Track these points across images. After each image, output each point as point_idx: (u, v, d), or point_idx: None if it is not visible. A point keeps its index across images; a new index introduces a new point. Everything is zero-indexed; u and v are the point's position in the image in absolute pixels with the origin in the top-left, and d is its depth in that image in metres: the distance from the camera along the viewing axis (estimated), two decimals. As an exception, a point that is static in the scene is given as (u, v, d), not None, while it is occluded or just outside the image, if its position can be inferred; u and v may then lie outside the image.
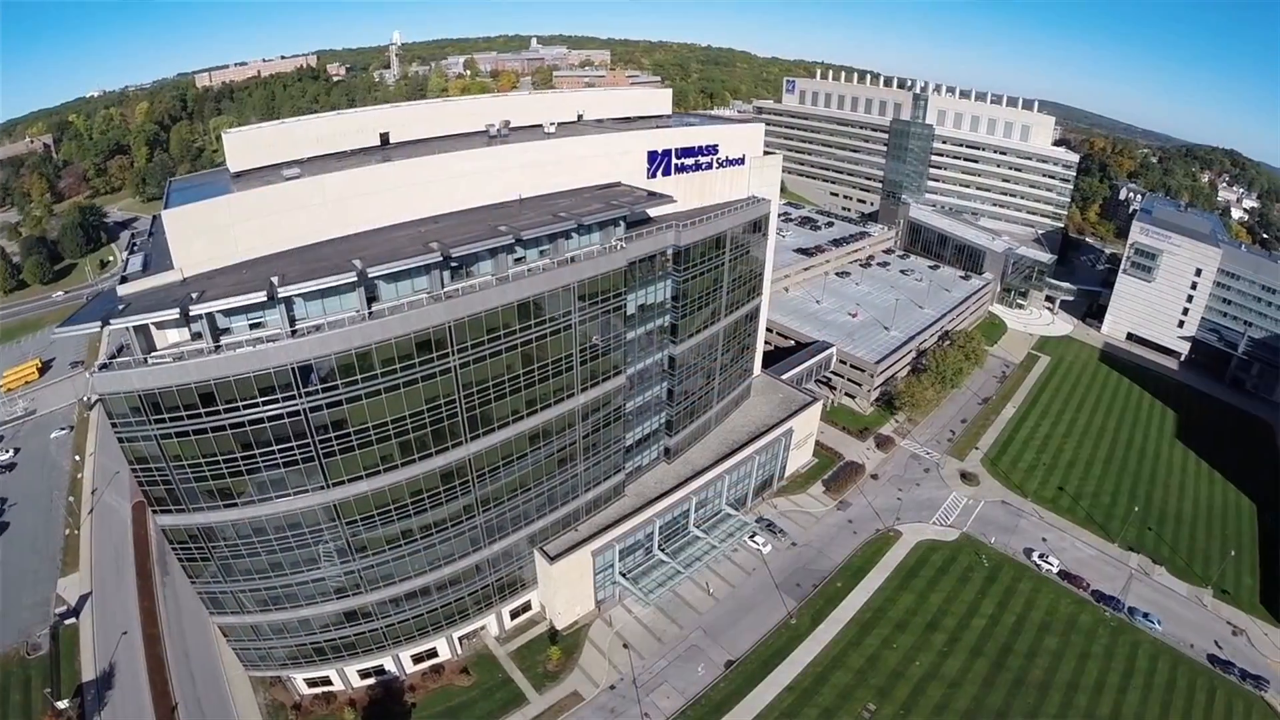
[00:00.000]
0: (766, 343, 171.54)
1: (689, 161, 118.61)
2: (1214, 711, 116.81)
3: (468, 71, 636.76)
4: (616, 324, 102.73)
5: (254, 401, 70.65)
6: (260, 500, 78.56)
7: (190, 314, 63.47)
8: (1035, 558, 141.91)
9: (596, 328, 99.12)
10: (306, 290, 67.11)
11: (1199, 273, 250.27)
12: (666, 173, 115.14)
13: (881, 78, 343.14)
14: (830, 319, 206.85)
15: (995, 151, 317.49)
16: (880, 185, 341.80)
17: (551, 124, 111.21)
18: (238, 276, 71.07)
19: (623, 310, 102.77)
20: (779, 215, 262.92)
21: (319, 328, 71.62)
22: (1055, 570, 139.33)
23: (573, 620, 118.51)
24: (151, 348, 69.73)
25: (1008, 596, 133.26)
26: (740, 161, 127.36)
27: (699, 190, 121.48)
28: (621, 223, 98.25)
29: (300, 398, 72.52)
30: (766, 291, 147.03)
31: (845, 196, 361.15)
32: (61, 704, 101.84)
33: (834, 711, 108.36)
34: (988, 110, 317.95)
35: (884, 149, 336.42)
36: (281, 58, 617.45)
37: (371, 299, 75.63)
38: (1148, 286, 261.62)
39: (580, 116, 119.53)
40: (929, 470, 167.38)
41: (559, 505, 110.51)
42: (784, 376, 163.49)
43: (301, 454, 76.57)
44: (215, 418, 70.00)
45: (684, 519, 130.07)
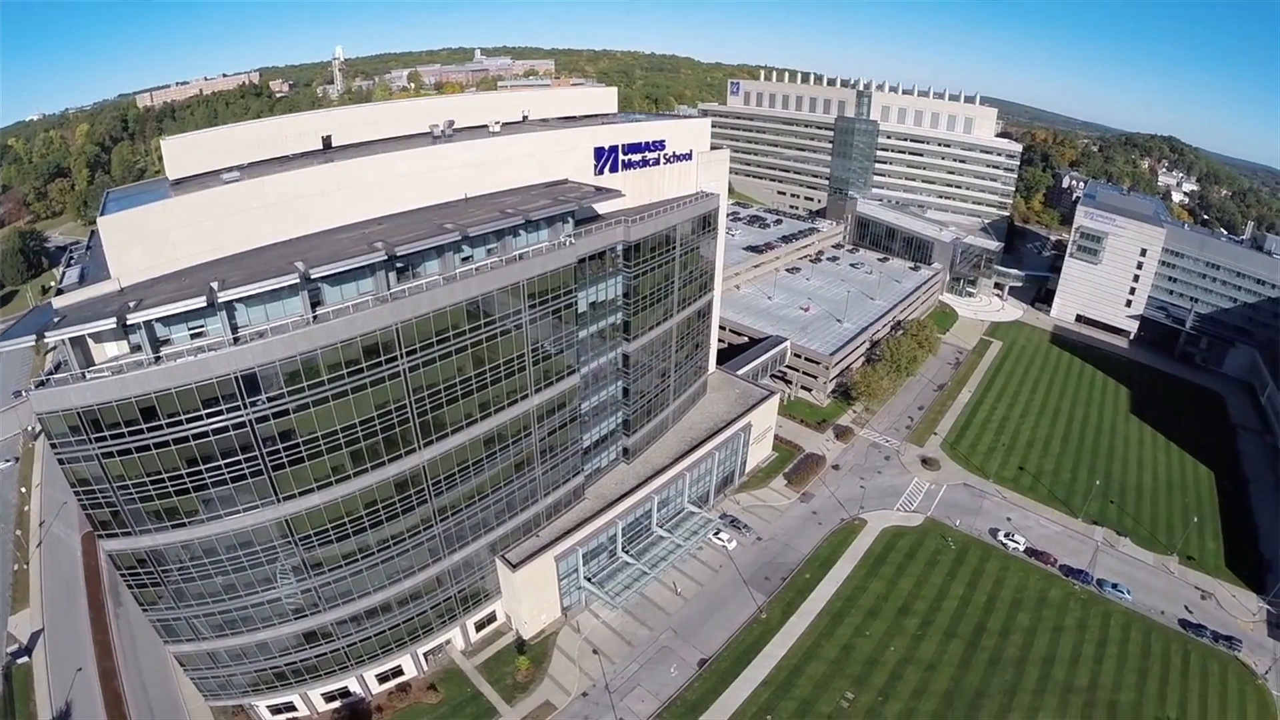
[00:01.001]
0: (720, 340, 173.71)
1: (636, 157, 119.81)
2: (1190, 674, 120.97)
3: (412, 84, 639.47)
4: (568, 322, 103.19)
5: (197, 414, 69.67)
6: (209, 519, 77.20)
7: (128, 323, 62.26)
8: (1001, 537, 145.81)
9: (548, 327, 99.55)
10: (247, 294, 66.51)
11: (1144, 253, 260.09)
12: (614, 169, 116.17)
13: (825, 78, 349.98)
14: (783, 314, 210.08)
15: (939, 144, 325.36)
16: (827, 182, 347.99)
17: (496, 123, 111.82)
18: (177, 283, 70.01)
19: (574, 308, 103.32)
20: (728, 215, 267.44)
21: (262, 334, 70.80)
22: (1022, 548, 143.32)
23: (540, 629, 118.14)
24: (90, 362, 68.34)
25: (977, 577, 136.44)
26: (687, 157, 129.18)
27: (647, 186, 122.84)
28: (570, 219, 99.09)
29: (245, 408, 71.72)
30: (718, 287, 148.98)
31: (793, 195, 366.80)
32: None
33: (812, 703, 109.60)
34: (930, 105, 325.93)
35: (829, 146, 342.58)
36: (224, 75, 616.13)
37: (316, 303, 75.04)
38: (1094, 269, 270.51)
39: (525, 116, 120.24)
40: (889, 458, 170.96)
41: (518, 511, 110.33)
42: (739, 372, 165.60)
43: (249, 468, 75.56)
44: (158, 433, 68.83)
45: (647, 519, 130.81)
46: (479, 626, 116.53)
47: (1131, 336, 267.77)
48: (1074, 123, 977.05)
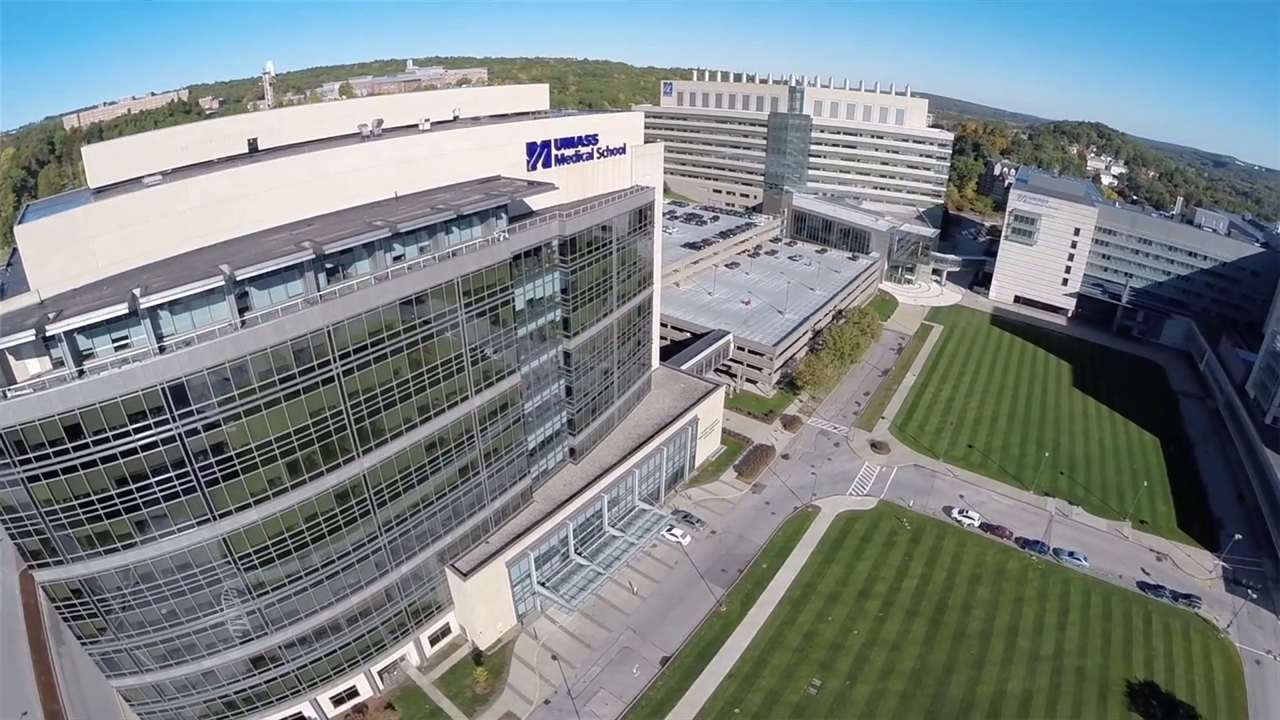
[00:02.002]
0: (663, 337, 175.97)
1: (569, 152, 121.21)
2: (1153, 634, 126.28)
3: (344, 97, 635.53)
4: (506, 320, 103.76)
5: (125, 430, 68.47)
6: (144, 542, 75.69)
7: (47, 335, 61.19)
8: (955, 514, 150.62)
9: (485, 325, 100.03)
10: (171, 299, 65.74)
11: (1077, 232, 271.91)
12: (547, 164, 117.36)
13: (757, 77, 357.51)
14: (724, 308, 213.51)
15: (872, 136, 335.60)
16: (763, 178, 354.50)
17: (427, 122, 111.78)
18: (99, 293, 68.74)
19: (511, 306, 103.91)
20: (665, 214, 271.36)
21: (188, 343, 69.97)
22: (977, 524, 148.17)
23: (496, 638, 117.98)
24: (11, 381, 67.01)
25: (934, 555, 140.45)
26: (621, 151, 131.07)
27: (581, 181, 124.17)
28: (504, 215, 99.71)
29: (175, 422, 70.71)
30: (658, 282, 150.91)
31: (729, 192, 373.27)
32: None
33: (779, 693, 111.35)
34: (862, 98, 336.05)
35: (764, 143, 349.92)
36: (152, 94, 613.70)
37: (244, 309, 74.45)
38: (1030, 250, 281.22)
39: (456, 115, 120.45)
40: (839, 444, 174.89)
41: (465, 518, 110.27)
42: (683, 367, 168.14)
43: (182, 485, 74.34)
44: (84, 452, 67.43)
45: (598, 519, 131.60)
46: (433, 640, 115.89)
47: (1070, 314, 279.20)
48: (1003, 114, 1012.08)
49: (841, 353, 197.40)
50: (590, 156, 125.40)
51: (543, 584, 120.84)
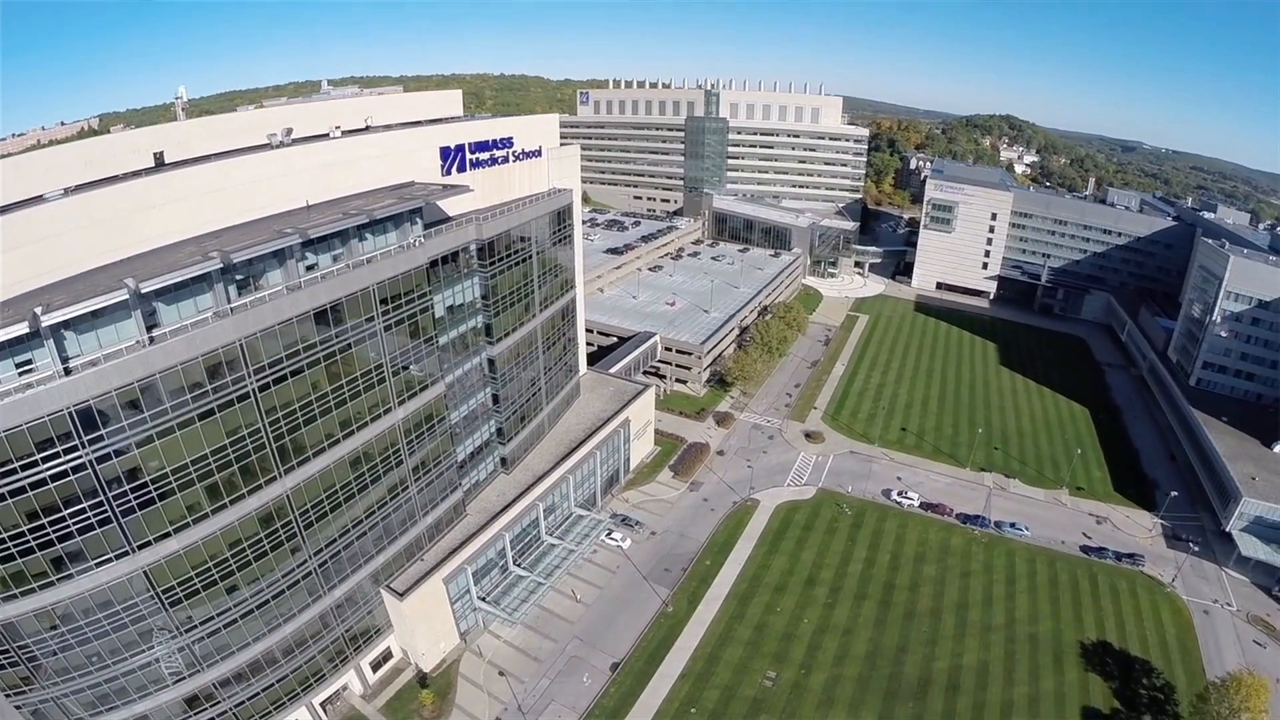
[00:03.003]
0: (589, 343, 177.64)
1: (484, 156, 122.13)
2: (1100, 594, 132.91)
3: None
4: (426, 328, 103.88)
5: (32, 460, 66.54)
6: (61, 580, 73.20)
7: (-61, 363, 60.17)
8: (895, 496, 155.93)
9: (405, 334, 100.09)
10: (74, 315, 64.24)
11: (994, 217, 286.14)
12: (462, 169, 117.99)
13: (673, 82, 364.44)
14: (650, 310, 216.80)
15: (789, 135, 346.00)
16: (682, 182, 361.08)
17: (338, 129, 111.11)
18: (-3, 315, 67.59)
19: (431, 313, 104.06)
20: (587, 222, 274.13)
21: (95, 363, 68.85)
22: (917, 504, 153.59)
23: (440, 659, 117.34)
24: (-96, 414, 65.07)
25: (877, 538, 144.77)
26: (537, 154, 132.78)
27: (497, 185, 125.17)
28: (419, 220, 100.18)
29: (84, 448, 69.10)
30: (580, 284, 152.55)
31: (649, 198, 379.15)
32: None
33: (734, 688, 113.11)
34: (778, 98, 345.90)
35: (682, 148, 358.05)
36: (62, 124, 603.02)
37: (152, 325, 73.58)
38: (949, 237, 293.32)
39: (368, 123, 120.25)
40: (773, 437, 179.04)
41: (397, 535, 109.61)
42: (612, 370, 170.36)
43: (97, 516, 72.43)
44: (-10, 486, 66.12)
45: (535, 529, 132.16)
46: (375, 666, 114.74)
47: (992, 296, 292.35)
48: (916, 112, 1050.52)
49: (769, 347, 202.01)
50: (506, 160, 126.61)
51: (483, 599, 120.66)
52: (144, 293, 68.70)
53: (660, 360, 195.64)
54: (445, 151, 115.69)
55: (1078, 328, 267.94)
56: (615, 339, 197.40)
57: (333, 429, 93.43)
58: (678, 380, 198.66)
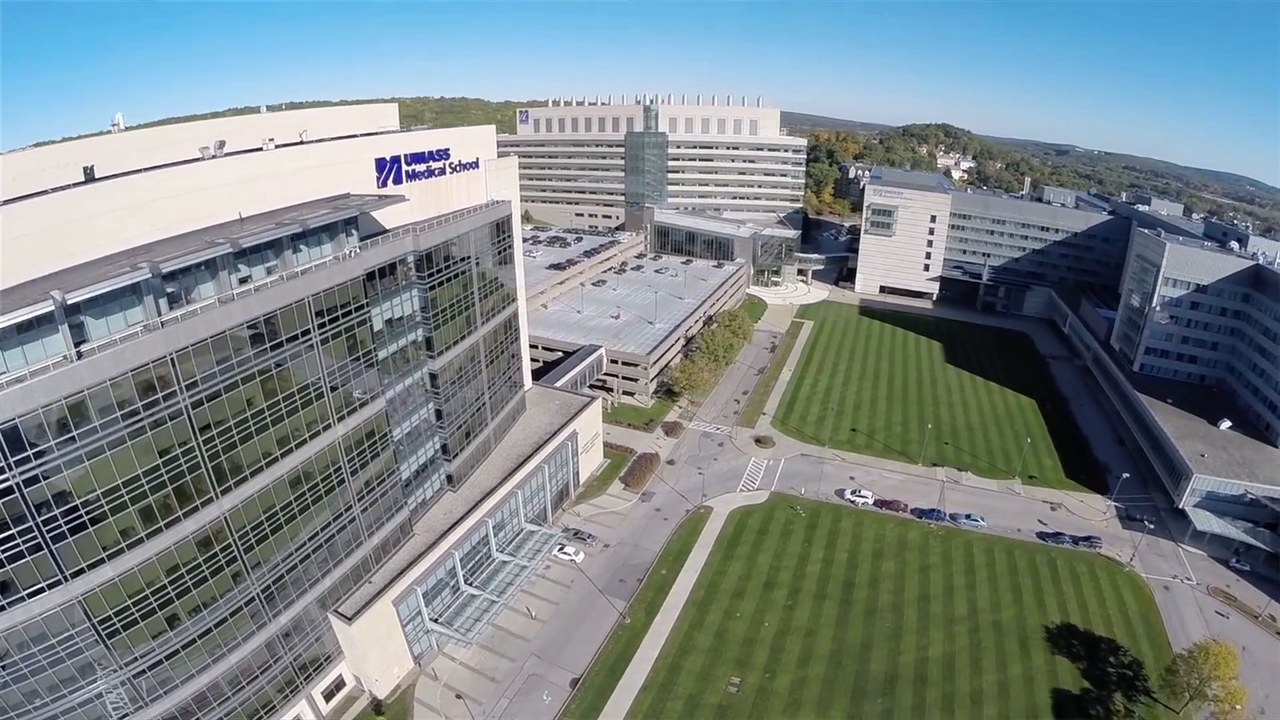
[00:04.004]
0: (534, 358, 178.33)
1: (421, 167, 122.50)
2: (1060, 578, 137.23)
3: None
4: (365, 341, 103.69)
5: (-45, 485, 65.91)
6: (-11, 613, 72.37)
7: None
8: (849, 495, 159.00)
9: (343, 348, 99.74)
10: (-5, 329, 63.95)
11: (934, 219, 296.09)
12: (398, 180, 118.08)
13: (612, 99, 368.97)
14: (594, 324, 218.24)
15: (728, 148, 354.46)
16: (624, 198, 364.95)
17: (271, 142, 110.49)
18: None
19: (369, 325, 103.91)
20: (529, 239, 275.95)
21: (20, 380, 67.84)
22: (871, 501, 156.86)
23: (394, 684, 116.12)
24: None
25: (833, 537, 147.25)
26: (474, 165, 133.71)
27: (435, 197, 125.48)
28: (354, 231, 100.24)
29: (10, 470, 67.92)
30: (522, 297, 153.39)
31: (591, 215, 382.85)
32: None
33: (698, 696, 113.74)
34: (716, 111, 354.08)
35: (622, 163, 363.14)
36: None
37: (80, 340, 72.75)
38: (890, 241, 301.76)
39: (303, 137, 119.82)
40: (723, 444, 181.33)
41: (343, 557, 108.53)
42: (557, 384, 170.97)
43: (27, 543, 70.60)
44: (-87, 515, 64.58)
45: (485, 546, 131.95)
46: (328, 695, 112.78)
47: (935, 297, 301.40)
48: (854, 124, 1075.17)
49: (715, 355, 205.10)
50: (442, 172, 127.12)
51: (435, 620, 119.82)
52: (70, 304, 67.76)
53: (606, 373, 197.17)
54: (381, 163, 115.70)
55: (1021, 324, 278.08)
56: (560, 354, 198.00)
57: (270, 447, 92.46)
58: (625, 393, 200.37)
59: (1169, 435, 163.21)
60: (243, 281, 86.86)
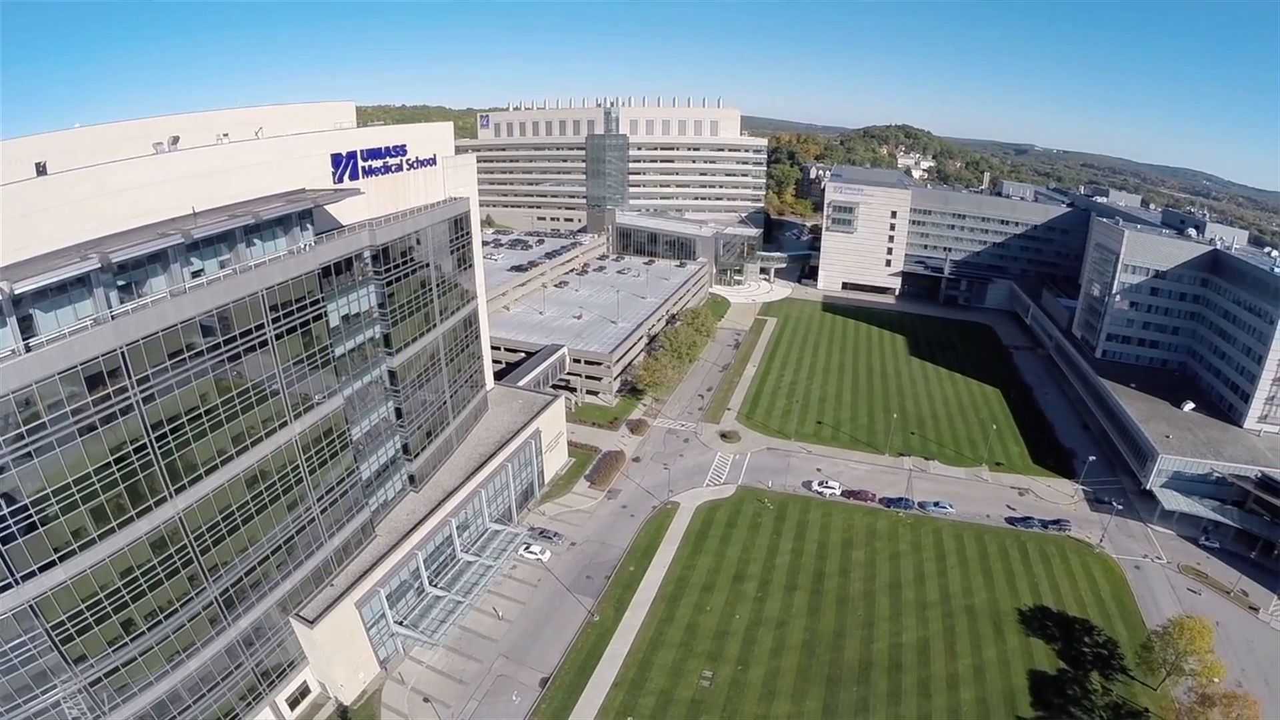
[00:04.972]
0: (497, 360, 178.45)
1: (378, 164, 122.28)
2: (1031, 561, 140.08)
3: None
4: (321, 337, 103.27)
5: (-100, 487, 64.99)
6: (-62, 618, 71.17)
7: None
8: (816, 487, 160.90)
9: (298, 343, 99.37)
10: (-62, 322, 63.33)
11: (894, 215, 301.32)
12: (354, 176, 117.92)
13: (572, 101, 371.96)
14: (556, 325, 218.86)
15: (689, 149, 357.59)
16: (585, 200, 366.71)
17: (226, 138, 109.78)
18: None
19: (325, 321, 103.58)
20: (490, 242, 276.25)
21: (-35, 375, 67.13)
22: (839, 492, 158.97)
23: (360, 690, 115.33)
24: None
25: (802, 529, 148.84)
26: (432, 162, 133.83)
27: (393, 193, 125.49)
28: (309, 225, 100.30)
29: (-44, 468, 67.68)
30: (482, 295, 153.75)
31: (553, 218, 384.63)
32: None
33: (671, 691, 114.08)
34: (676, 113, 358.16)
35: (584, 166, 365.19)
36: None
37: (29, 335, 71.93)
38: (851, 238, 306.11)
39: (259, 134, 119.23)
40: (688, 440, 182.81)
41: (303, 559, 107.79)
42: (520, 384, 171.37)
43: (-27, 544, 70.79)
44: None
45: (449, 547, 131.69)
46: (293, 702, 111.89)
47: (897, 292, 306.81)
48: (814, 127, 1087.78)
49: (679, 352, 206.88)
50: (400, 168, 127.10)
51: (400, 622, 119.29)
52: (18, 294, 67.16)
53: (570, 373, 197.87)
54: (337, 159, 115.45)
55: (983, 316, 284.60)
56: (523, 354, 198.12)
57: (225, 444, 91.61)
58: (589, 392, 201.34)
59: (1133, 418, 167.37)
60: (195, 275, 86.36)
